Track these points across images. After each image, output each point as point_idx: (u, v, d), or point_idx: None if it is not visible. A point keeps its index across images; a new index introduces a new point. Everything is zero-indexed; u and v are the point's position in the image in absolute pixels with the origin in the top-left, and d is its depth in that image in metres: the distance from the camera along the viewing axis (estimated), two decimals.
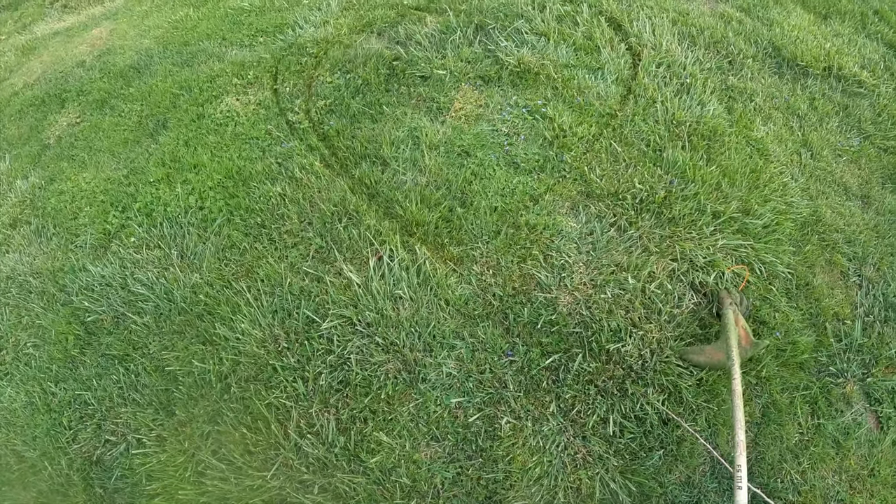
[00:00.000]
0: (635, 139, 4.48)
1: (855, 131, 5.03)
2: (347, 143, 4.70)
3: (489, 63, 5.18)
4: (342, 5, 6.37)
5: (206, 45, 6.31)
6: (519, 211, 4.06)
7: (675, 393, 3.41)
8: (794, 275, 3.96)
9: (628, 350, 3.46)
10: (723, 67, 5.25)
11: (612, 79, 4.95)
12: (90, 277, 4.29)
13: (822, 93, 5.25)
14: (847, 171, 4.71)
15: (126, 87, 6.07)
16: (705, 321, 3.65)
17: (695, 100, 4.77)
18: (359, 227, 4.05)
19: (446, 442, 3.32)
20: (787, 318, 3.77)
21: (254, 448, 3.39)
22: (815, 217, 4.31)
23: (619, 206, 4.06)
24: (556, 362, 3.47)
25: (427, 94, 5.01)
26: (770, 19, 5.89)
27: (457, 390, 3.43)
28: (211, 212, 4.41)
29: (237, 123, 5.09)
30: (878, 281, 4.09)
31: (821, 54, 5.49)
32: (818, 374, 3.68)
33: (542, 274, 3.74)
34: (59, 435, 3.77)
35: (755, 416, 3.49)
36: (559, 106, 4.71)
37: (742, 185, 4.24)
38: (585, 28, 5.44)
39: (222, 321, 3.82)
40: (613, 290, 3.65)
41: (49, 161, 5.55)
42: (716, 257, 3.81)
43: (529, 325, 3.59)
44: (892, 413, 3.57)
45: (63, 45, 7.75)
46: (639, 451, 3.32)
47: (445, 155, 4.47)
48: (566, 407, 3.39)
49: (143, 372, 3.81)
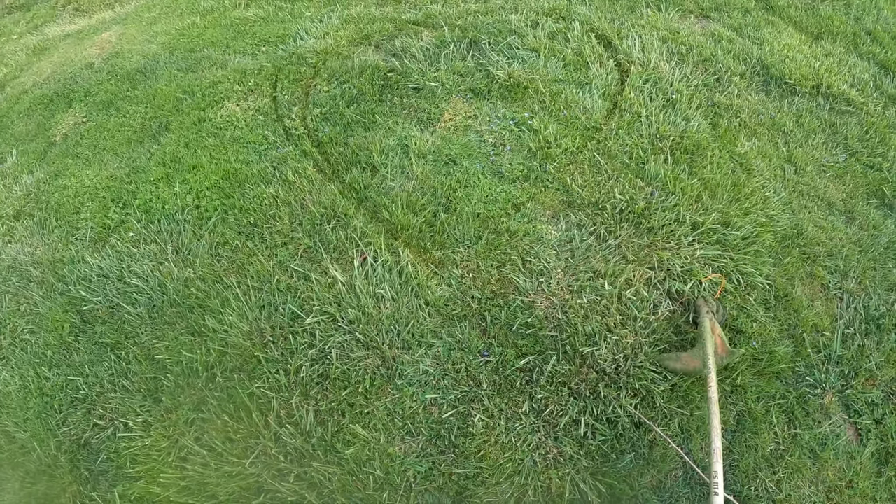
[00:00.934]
0: (619, 152, 4.58)
1: (841, 148, 5.06)
2: (340, 149, 4.85)
3: (480, 76, 5.33)
4: (343, 18, 6.56)
5: (211, 53, 6.51)
6: (501, 218, 4.17)
7: (648, 397, 3.47)
8: (772, 286, 4.00)
9: (602, 354, 3.53)
10: (710, 84, 5.34)
11: (598, 94, 5.07)
12: (88, 269, 4.44)
13: (809, 110, 5.31)
14: (831, 187, 4.75)
15: (132, 90, 6.25)
16: (681, 328, 3.72)
17: (680, 115, 4.87)
18: (346, 229, 4.18)
19: (420, 437, 3.41)
20: (764, 328, 3.81)
21: (235, 436, 3.50)
22: (796, 230, 4.35)
23: (599, 215, 4.16)
24: (530, 364, 3.56)
25: (419, 104, 5.17)
26: (760, 38, 5.97)
27: (432, 387, 3.52)
28: (207, 210, 4.57)
29: (236, 128, 5.26)
30: (859, 294, 4.09)
31: (810, 73, 5.56)
32: (795, 384, 3.70)
33: (520, 278, 3.84)
34: (50, 418, 3.88)
35: (730, 424, 3.52)
36: (546, 119, 4.84)
37: (723, 198, 4.31)
38: (576, 45, 5.58)
39: (212, 314, 3.95)
40: (590, 295, 3.74)
41: (55, 157, 5.72)
42: (693, 267, 3.88)
43: (506, 326, 3.68)
44: (871, 425, 3.57)
45: (73, 46, 7.96)
46: (610, 454, 3.37)
47: (433, 163, 4.61)
48: (539, 407, 3.47)
49: (134, 360, 3.94)
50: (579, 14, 6.13)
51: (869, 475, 3.43)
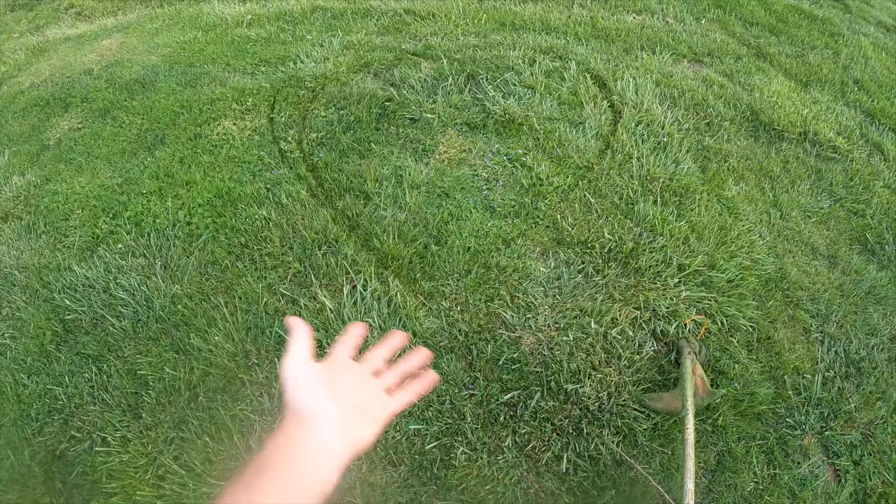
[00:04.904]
0: (609, 192, 4.65)
1: (826, 194, 5.17)
2: (334, 175, 4.87)
3: (476, 111, 5.40)
4: (343, 44, 6.62)
5: (211, 69, 6.53)
6: (491, 252, 4.21)
7: (631, 436, 3.49)
8: (755, 328, 4.06)
9: (586, 391, 3.56)
10: (700, 128, 5.45)
11: (592, 133, 5.15)
12: (74, 277, 4.40)
13: (796, 156, 5.43)
14: (815, 232, 4.85)
15: (130, 100, 6.26)
16: (664, 368, 3.76)
17: (670, 157, 4.96)
18: (337, 256, 4.19)
19: (402, 467, 3.40)
20: (746, 370, 3.86)
21: (215, 457, 3.46)
22: (780, 274, 4.43)
23: (587, 254, 4.21)
24: (514, 398, 3.58)
25: (414, 135, 5.21)
26: (751, 85, 6.12)
27: (416, 418, 3.52)
28: (198, 228, 4.56)
29: (232, 147, 5.26)
30: (840, 338, 4.16)
31: (798, 120, 5.70)
32: (776, 425, 3.73)
33: (508, 314, 3.87)
34: (26, 426, 3.81)
35: (710, 464, 3.55)
36: (539, 156, 4.90)
37: (710, 241, 4.39)
38: (571, 84, 5.67)
39: (197, 332, 3.93)
40: (576, 333, 3.77)
41: (47, 161, 5.69)
42: (678, 308, 3.93)
43: (492, 361, 3.70)
44: (850, 466, 3.60)
45: (73, 51, 7.96)
46: (591, 490, 3.38)
47: (426, 195, 4.64)
48: (522, 442, 3.47)
49: (116, 374, 3.89)
50: (576, 54, 6.26)
51: None
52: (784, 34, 7.36)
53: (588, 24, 7.06)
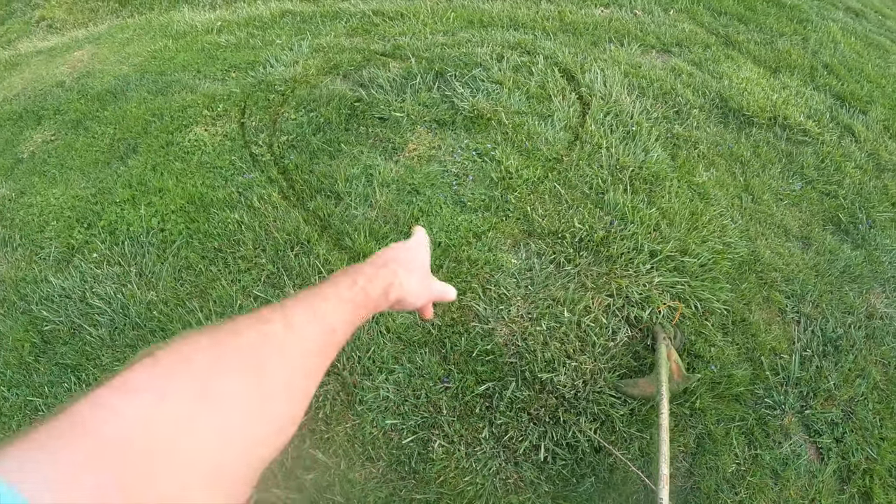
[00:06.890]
0: (579, 182, 4.69)
1: (797, 177, 5.22)
2: (305, 176, 4.88)
3: (445, 108, 5.43)
4: (313, 47, 6.63)
5: (181, 76, 6.51)
6: (461, 246, 4.23)
7: (608, 422, 3.52)
8: (730, 311, 4.09)
9: (561, 380, 3.58)
10: (669, 117, 5.50)
11: (560, 125, 5.19)
12: (51, 288, 4.38)
13: (766, 141, 5.49)
14: (788, 214, 4.89)
15: (101, 111, 6.23)
16: (639, 354, 3.79)
17: (639, 146, 5.00)
18: (309, 256, 4.20)
19: (380, 462, 3.42)
20: (722, 352, 3.89)
21: None
22: (753, 257, 4.46)
23: (558, 244, 4.24)
24: (490, 390, 3.60)
25: (384, 134, 5.22)
26: (720, 72, 6.18)
27: (392, 413, 3.53)
28: (171, 234, 4.55)
29: (203, 153, 5.26)
30: (816, 317, 4.19)
31: (767, 105, 5.76)
32: (755, 406, 3.76)
33: (480, 306, 3.90)
34: (6, 439, 3.77)
35: (690, 447, 3.57)
36: (508, 150, 4.93)
37: (681, 226, 4.43)
38: (539, 78, 5.71)
39: (173, 337, 3.90)
40: (549, 322, 3.80)
41: (21, 175, 5.66)
42: (651, 293, 3.96)
43: (466, 353, 3.72)
44: (832, 444, 3.63)
45: (45, 64, 7.92)
46: (570, 478, 3.40)
47: (396, 192, 4.66)
48: (499, 433, 3.49)
49: (94, 382, 3.83)
50: (544, 48, 6.30)
51: (831, 492, 3.49)
52: (753, 22, 7.44)
53: (556, 19, 7.12)
